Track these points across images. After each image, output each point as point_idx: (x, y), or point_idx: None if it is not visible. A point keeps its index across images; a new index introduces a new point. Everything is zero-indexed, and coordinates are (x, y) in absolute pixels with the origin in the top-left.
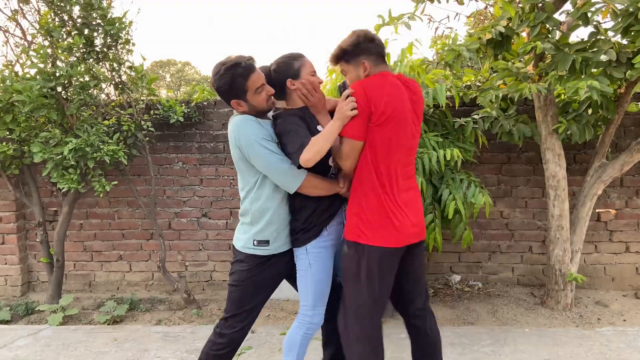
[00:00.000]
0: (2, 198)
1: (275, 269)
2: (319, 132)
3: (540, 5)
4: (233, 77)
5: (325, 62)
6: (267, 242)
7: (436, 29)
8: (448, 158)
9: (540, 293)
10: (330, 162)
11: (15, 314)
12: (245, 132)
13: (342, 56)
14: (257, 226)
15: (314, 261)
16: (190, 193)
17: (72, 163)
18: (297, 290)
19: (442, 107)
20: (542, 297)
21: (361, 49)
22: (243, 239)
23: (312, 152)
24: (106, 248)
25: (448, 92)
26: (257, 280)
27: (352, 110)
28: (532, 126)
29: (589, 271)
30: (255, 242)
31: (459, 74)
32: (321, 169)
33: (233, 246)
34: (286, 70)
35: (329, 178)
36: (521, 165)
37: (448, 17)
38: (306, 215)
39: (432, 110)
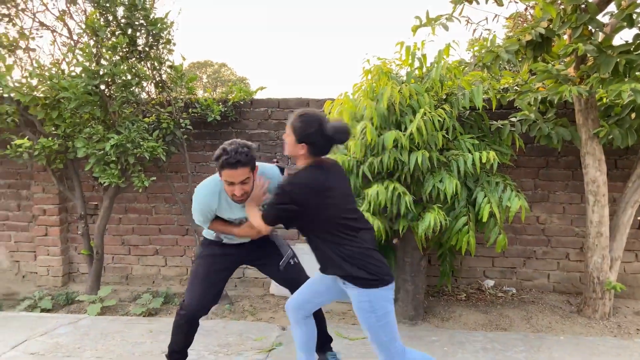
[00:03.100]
0: (46, 191)
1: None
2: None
3: (582, 6)
4: (217, 157)
5: (362, 61)
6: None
7: (474, 30)
8: (484, 160)
9: (577, 301)
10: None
11: (56, 303)
12: (196, 193)
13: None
14: None
15: None
16: None
17: (114, 158)
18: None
19: (478, 109)
20: (578, 305)
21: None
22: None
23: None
24: (143, 242)
25: (485, 94)
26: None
27: None
28: (572, 130)
29: (628, 280)
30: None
31: (496, 76)
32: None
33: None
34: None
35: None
36: (559, 169)
37: (487, 18)
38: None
39: (468, 112)
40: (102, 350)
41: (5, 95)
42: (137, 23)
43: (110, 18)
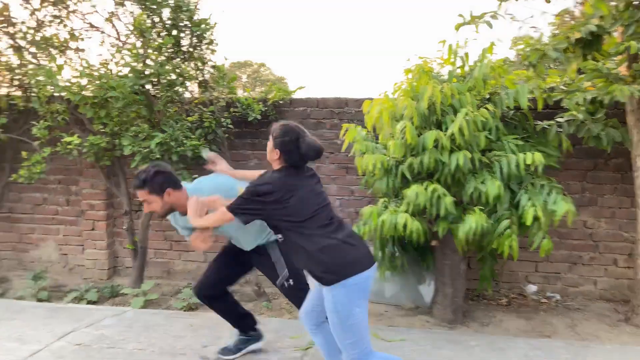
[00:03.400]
0: (94, 187)
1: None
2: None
3: (636, 3)
4: None
5: (406, 61)
6: None
7: (519, 28)
8: (528, 162)
9: (625, 309)
10: None
11: (102, 295)
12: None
13: None
14: None
15: None
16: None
17: (158, 156)
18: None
19: (523, 109)
20: (626, 313)
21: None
22: None
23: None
24: (184, 238)
25: (530, 94)
26: None
27: None
28: (623, 131)
29: None
30: None
31: (542, 75)
32: None
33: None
34: None
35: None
36: (608, 172)
37: (532, 15)
38: None
39: (512, 112)
40: (145, 343)
41: (56, 94)
42: (181, 24)
43: (157, 19)
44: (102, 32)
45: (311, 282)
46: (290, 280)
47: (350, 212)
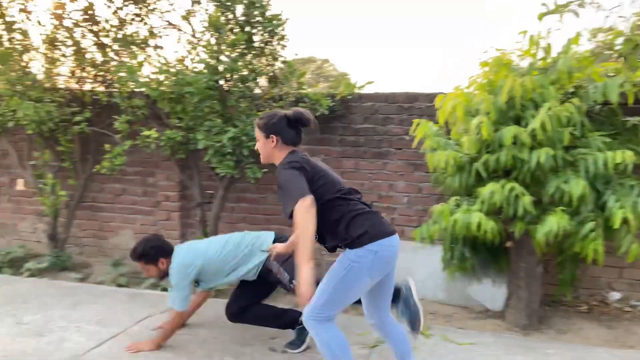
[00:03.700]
0: (169, 179)
1: None
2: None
3: None
4: None
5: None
6: None
7: (606, 17)
8: (617, 161)
9: None
10: None
11: None
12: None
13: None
14: None
15: None
16: None
17: (230, 150)
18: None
19: (612, 103)
20: None
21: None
22: None
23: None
24: (252, 230)
25: (620, 88)
26: None
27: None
28: None
29: None
30: None
31: (634, 67)
32: None
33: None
34: None
35: None
36: None
37: (620, 4)
38: None
39: (599, 107)
40: (216, 331)
41: (137, 89)
42: (254, 20)
43: (230, 16)
44: (179, 30)
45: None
46: (294, 280)
47: (418, 210)
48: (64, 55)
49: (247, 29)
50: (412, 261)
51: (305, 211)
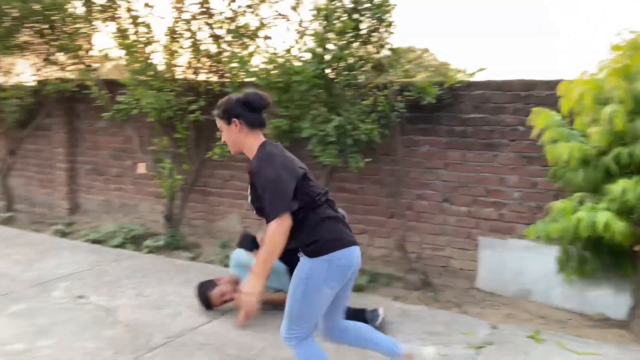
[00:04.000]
0: None
1: None
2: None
3: None
4: None
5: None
6: None
7: None
8: None
9: None
10: None
11: None
12: None
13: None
14: None
15: None
16: (434, 176)
17: (333, 139)
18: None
19: None
20: None
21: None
22: None
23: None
24: (351, 221)
25: None
26: None
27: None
28: None
29: None
30: None
31: None
32: None
33: None
34: None
35: None
36: None
37: None
38: None
39: None
40: None
41: (247, 79)
42: (361, 7)
43: (338, 4)
44: (287, 20)
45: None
46: None
47: (531, 206)
48: (182, 47)
49: (355, 16)
50: (521, 260)
51: (281, 233)
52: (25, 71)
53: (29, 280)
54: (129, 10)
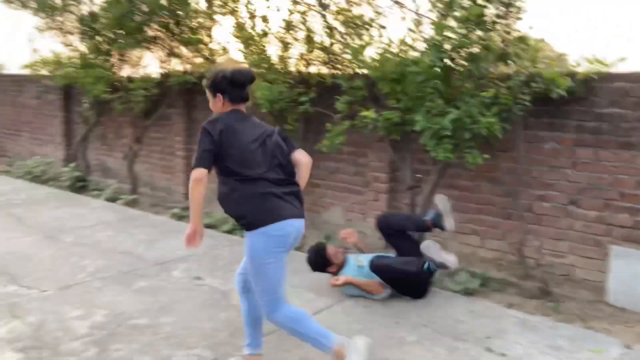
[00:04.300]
0: (380, 160)
1: None
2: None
3: None
4: None
5: None
6: None
7: None
8: None
9: None
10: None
11: None
12: None
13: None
14: None
15: None
16: (559, 176)
17: (449, 133)
18: None
19: None
20: None
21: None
22: None
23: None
24: (461, 220)
25: None
26: None
27: None
28: None
29: None
30: None
31: None
32: None
33: None
34: None
35: None
36: None
37: None
38: None
39: None
40: (426, 319)
41: (358, 71)
42: None
43: None
44: (404, 8)
45: None
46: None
47: None
48: (296, 39)
49: (480, 1)
50: None
51: (194, 183)
52: (150, 64)
53: (151, 259)
54: (247, 4)
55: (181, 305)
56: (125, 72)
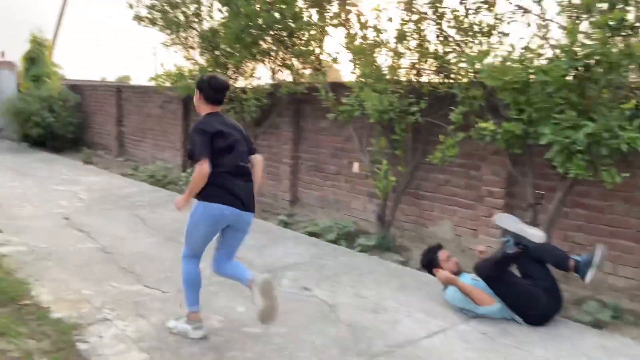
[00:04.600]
0: (495, 174)
1: None
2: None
3: None
4: None
5: None
6: None
7: None
8: None
9: None
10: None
11: None
12: None
13: None
14: None
15: None
16: None
17: (580, 148)
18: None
19: None
20: None
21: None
22: None
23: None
24: (590, 242)
25: None
26: None
27: None
28: None
29: None
30: None
31: None
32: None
33: None
34: None
35: None
36: None
37: None
38: None
39: None
40: (552, 351)
41: (475, 80)
42: None
43: None
44: (528, 13)
45: None
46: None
47: None
48: (408, 49)
49: (620, 5)
50: None
51: (200, 173)
52: (262, 75)
53: (261, 266)
54: (358, 15)
55: (291, 316)
56: (240, 83)
